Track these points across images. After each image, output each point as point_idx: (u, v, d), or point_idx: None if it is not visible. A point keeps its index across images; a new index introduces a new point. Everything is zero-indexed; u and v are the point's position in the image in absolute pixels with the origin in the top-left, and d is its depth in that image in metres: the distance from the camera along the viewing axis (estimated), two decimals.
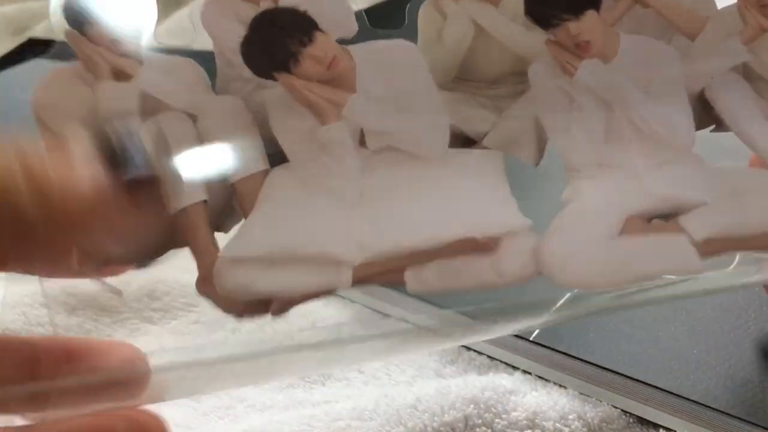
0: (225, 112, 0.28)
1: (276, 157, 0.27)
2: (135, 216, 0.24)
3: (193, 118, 0.27)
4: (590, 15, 0.28)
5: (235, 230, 0.27)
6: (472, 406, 0.33)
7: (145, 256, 0.28)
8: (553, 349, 0.35)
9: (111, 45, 0.28)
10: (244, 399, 0.36)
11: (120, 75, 0.28)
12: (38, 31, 0.85)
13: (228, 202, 0.28)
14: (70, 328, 0.42)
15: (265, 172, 0.27)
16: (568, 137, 0.28)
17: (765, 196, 0.27)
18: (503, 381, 0.35)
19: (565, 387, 0.35)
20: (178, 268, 0.46)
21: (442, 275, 0.26)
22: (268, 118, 0.27)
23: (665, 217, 0.27)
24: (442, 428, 0.33)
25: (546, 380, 0.36)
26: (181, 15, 0.85)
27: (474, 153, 0.29)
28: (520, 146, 0.29)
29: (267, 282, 0.26)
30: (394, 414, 0.33)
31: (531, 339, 0.36)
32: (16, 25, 0.88)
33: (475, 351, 0.38)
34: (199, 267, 0.26)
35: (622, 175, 0.28)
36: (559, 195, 0.28)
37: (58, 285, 0.43)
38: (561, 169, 0.28)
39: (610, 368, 0.34)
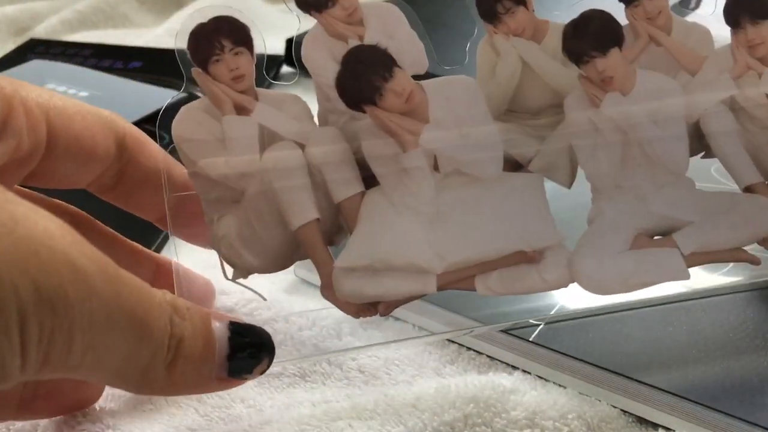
0: (327, 141, 0.32)
1: (369, 179, 0.33)
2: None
3: (302, 146, 0.32)
4: (614, 53, 0.34)
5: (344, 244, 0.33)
6: (471, 405, 0.33)
7: (275, 268, 0.33)
8: (552, 350, 0.35)
9: (231, 83, 0.32)
10: (244, 399, 0.36)
11: (240, 109, 0.32)
12: (39, 32, 0.85)
13: (336, 219, 0.33)
14: None
15: (362, 194, 0.32)
16: (594, 162, 0.34)
17: (733, 216, 0.33)
18: (503, 380, 0.35)
19: (564, 387, 0.35)
20: None
21: (503, 282, 0.32)
22: (361, 146, 0.32)
23: (663, 233, 0.34)
24: (441, 427, 0.33)
25: (545, 380, 0.36)
26: (181, 16, 0.85)
27: (521, 176, 0.34)
28: (557, 170, 0.35)
29: (372, 288, 0.32)
30: (394, 413, 0.33)
31: (530, 339, 0.36)
32: (17, 25, 0.88)
33: (474, 350, 0.38)
34: (320, 276, 0.32)
35: (632, 197, 0.34)
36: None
37: None
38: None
39: (609, 368, 0.34)
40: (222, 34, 0.32)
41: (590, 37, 0.34)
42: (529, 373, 0.36)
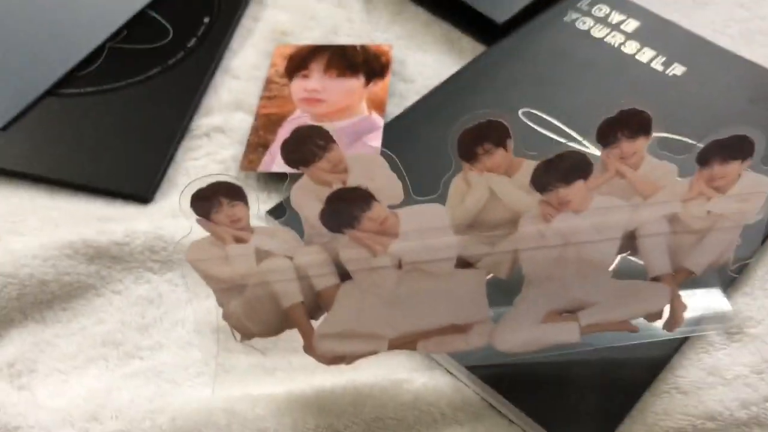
0: (311, 252, 0.40)
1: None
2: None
3: (290, 258, 0.40)
4: (578, 184, 0.38)
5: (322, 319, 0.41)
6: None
7: (271, 334, 0.41)
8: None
9: (231, 225, 0.39)
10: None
11: (239, 240, 0.40)
12: None
13: (316, 302, 0.41)
14: (90, 274, 0.48)
15: (338, 285, 0.40)
16: (532, 260, 0.40)
17: (632, 298, 0.41)
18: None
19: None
20: (177, 226, 0.51)
21: (437, 345, 0.41)
22: (339, 255, 0.39)
23: (573, 311, 0.41)
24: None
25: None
26: None
27: (468, 271, 0.41)
28: (500, 267, 0.41)
29: (342, 348, 0.41)
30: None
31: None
32: None
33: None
34: (304, 341, 0.41)
35: (557, 286, 0.41)
36: None
37: (80, 237, 0.49)
38: None
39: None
40: (220, 194, 0.39)
41: (559, 173, 0.37)
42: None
